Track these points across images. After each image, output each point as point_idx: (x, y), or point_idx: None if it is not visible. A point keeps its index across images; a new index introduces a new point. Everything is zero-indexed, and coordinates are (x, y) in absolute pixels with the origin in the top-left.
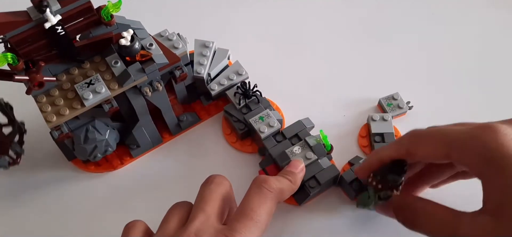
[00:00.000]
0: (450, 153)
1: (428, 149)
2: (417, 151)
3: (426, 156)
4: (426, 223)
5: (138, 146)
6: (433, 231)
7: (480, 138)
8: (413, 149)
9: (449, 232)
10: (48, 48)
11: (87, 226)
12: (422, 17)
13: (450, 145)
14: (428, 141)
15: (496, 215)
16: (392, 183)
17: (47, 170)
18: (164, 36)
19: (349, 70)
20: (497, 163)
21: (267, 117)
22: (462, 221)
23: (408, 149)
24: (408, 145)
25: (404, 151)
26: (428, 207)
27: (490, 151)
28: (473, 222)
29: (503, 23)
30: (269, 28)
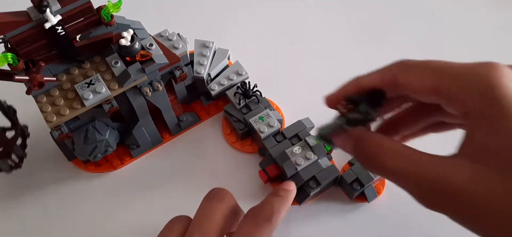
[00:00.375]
0: (440, 86)
1: (418, 77)
2: (405, 79)
3: (413, 86)
4: (390, 160)
5: (138, 146)
6: (399, 167)
7: (477, 73)
8: (400, 76)
9: (419, 169)
10: (48, 48)
11: (87, 226)
12: (422, 18)
13: (442, 76)
14: (419, 69)
15: (479, 159)
16: (364, 115)
17: (47, 170)
18: (164, 36)
19: (349, 70)
20: (494, 102)
21: (267, 117)
22: (430, 161)
23: (395, 76)
24: (395, 70)
25: (389, 77)
26: (395, 144)
27: (487, 88)
28: (449, 163)
29: (503, 23)
30: (269, 28)
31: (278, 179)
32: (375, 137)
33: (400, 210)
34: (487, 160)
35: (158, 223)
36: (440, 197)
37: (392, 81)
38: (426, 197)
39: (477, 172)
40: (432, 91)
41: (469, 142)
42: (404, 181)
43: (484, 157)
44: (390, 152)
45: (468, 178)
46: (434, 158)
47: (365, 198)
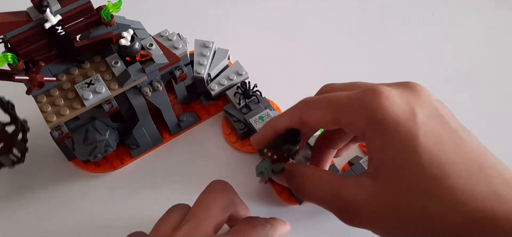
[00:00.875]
0: (339, 117)
1: (319, 115)
2: (309, 118)
3: (317, 122)
4: (313, 188)
5: (138, 146)
6: (320, 195)
7: (363, 100)
8: (305, 116)
9: (334, 193)
10: (48, 48)
11: (87, 226)
12: (422, 18)
13: (337, 109)
14: (318, 107)
15: (374, 175)
16: (287, 153)
17: (47, 170)
18: (164, 36)
19: (349, 70)
20: (378, 124)
21: (267, 117)
22: (346, 183)
23: (301, 117)
24: (300, 112)
25: (297, 119)
26: (316, 172)
27: (371, 112)
28: (355, 183)
29: (503, 23)
30: (269, 28)
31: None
32: (300, 168)
33: None
34: (380, 175)
35: None
36: (350, 215)
37: (299, 120)
38: (342, 217)
39: (374, 188)
40: (334, 123)
41: (370, 161)
42: (325, 205)
43: (378, 173)
44: (309, 179)
45: (368, 195)
46: (342, 181)
47: None
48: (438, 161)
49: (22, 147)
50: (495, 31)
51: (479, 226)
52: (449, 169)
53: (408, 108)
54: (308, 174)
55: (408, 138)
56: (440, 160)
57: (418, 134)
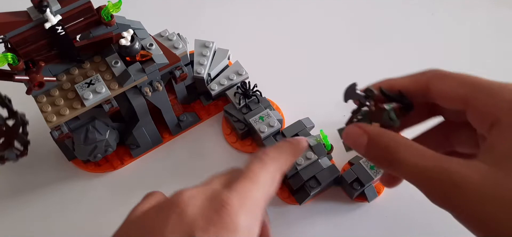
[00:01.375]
0: (472, 95)
1: (450, 86)
2: (437, 86)
3: (445, 92)
4: (411, 156)
5: (138, 146)
6: (420, 163)
7: (506, 89)
8: (433, 82)
9: (439, 165)
10: (48, 48)
11: (87, 226)
12: (422, 18)
13: (474, 87)
14: (453, 79)
15: (496, 163)
16: (388, 122)
17: (47, 170)
18: (164, 36)
19: (349, 70)
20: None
21: (267, 117)
22: (453, 160)
23: (428, 81)
24: (429, 76)
25: (423, 81)
26: (411, 142)
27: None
28: (465, 163)
29: (504, 22)
30: (269, 28)
31: None
32: (391, 133)
33: (400, 210)
34: (506, 166)
35: None
36: (455, 192)
37: (425, 85)
38: (435, 193)
39: (492, 174)
40: (462, 100)
41: (489, 150)
42: (416, 176)
43: (503, 163)
44: (406, 147)
45: (482, 177)
46: (449, 158)
47: (365, 198)
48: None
49: (23, 140)
50: (495, 30)
51: None
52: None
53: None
54: (405, 141)
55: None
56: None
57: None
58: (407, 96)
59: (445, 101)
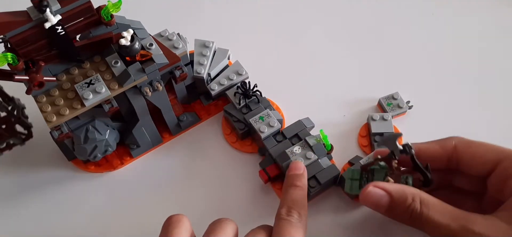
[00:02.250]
0: (502, 161)
1: (479, 152)
2: (468, 151)
3: (476, 158)
4: (435, 214)
5: (138, 146)
6: (444, 222)
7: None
8: (463, 148)
9: (461, 225)
10: (48, 48)
11: (87, 226)
12: (422, 18)
13: (501, 154)
14: (480, 145)
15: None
16: (401, 183)
17: (47, 170)
18: (164, 36)
19: (349, 70)
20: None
21: (267, 117)
22: (475, 219)
23: (456, 146)
24: (456, 142)
25: (450, 147)
26: (436, 200)
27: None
28: (486, 222)
29: (503, 22)
30: (270, 28)
31: (278, 179)
32: (413, 191)
33: None
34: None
35: (158, 223)
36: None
37: (452, 150)
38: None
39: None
40: (491, 165)
41: (509, 209)
42: (440, 234)
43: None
44: (429, 206)
45: (502, 234)
46: (471, 216)
47: None
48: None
49: (25, 124)
50: (495, 31)
51: None
52: None
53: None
54: (428, 199)
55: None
56: None
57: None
58: (430, 171)
59: (473, 167)
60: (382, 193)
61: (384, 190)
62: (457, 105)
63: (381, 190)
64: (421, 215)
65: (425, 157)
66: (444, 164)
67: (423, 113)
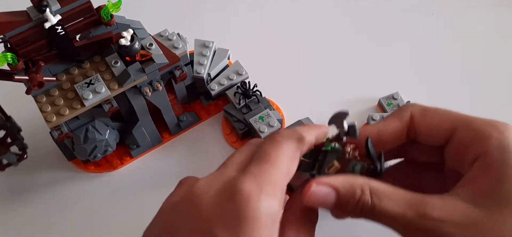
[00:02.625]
0: (458, 131)
1: (435, 120)
2: (424, 121)
3: (431, 127)
4: (387, 203)
5: (138, 146)
6: (397, 211)
7: (495, 125)
8: (419, 119)
9: (417, 211)
10: (48, 48)
11: (86, 226)
12: (422, 18)
13: (460, 123)
14: (436, 113)
15: (477, 202)
16: (348, 170)
17: (47, 170)
18: (164, 36)
19: (349, 70)
20: (504, 152)
21: (267, 117)
22: (431, 202)
23: (412, 116)
24: (412, 111)
25: (406, 118)
26: (384, 187)
27: (503, 138)
28: (444, 204)
29: (503, 23)
30: (270, 28)
31: None
32: (362, 182)
33: None
34: (488, 204)
35: None
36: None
37: (409, 122)
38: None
39: (472, 213)
40: (447, 134)
41: (468, 185)
42: (396, 224)
43: (484, 201)
44: (380, 195)
45: (463, 219)
46: (426, 199)
47: None
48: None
49: (21, 144)
50: (495, 31)
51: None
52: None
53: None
54: (378, 188)
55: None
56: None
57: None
58: (383, 162)
59: (429, 137)
60: (327, 190)
61: (330, 186)
62: (457, 105)
63: (325, 186)
64: (373, 208)
65: (387, 137)
66: (405, 138)
67: None
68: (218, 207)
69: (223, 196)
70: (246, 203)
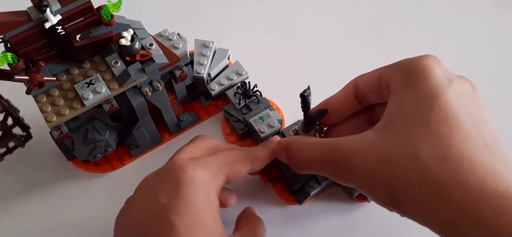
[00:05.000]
0: (383, 74)
1: (368, 75)
2: (360, 80)
3: (366, 81)
4: (310, 151)
5: (138, 146)
6: (316, 155)
7: (411, 60)
8: (359, 79)
9: (330, 147)
10: (48, 48)
11: (86, 226)
12: (422, 18)
13: (387, 68)
14: (370, 72)
15: (380, 128)
16: None
17: (47, 170)
18: (164, 36)
19: (349, 70)
20: (412, 76)
21: (267, 117)
22: (345, 138)
23: (356, 81)
24: (356, 79)
25: (352, 84)
26: (313, 139)
27: (413, 67)
28: (355, 136)
29: (503, 23)
30: (269, 28)
31: (278, 179)
32: (297, 140)
33: None
34: (386, 124)
35: None
36: (342, 167)
37: (354, 84)
38: (333, 170)
39: (374, 138)
40: (377, 82)
41: (383, 115)
42: (320, 166)
43: (385, 123)
44: (305, 146)
45: (365, 145)
46: (340, 139)
47: (365, 197)
48: (449, 123)
49: (23, 125)
50: (495, 30)
51: (467, 187)
52: (456, 133)
53: (447, 77)
54: (304, 141)
55: (431, 95)
56: (451, 124)
57: (442, 95)
58: (322, 114)
59: (369, 93)
60: (280, 147)
61: (281, 146)
62: None
63: (279, 145)
64: (301, 156)
65: (336, 103)
66: (356, 105)
67: None
68: (161, 178)
69: (165, 170)
70: (183, 171)
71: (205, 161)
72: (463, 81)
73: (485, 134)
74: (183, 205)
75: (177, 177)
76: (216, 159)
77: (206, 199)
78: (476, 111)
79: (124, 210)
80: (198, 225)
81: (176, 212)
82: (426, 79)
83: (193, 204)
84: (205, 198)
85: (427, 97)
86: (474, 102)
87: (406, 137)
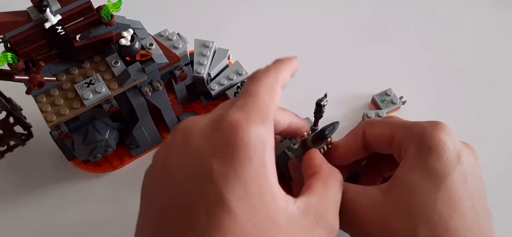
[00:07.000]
0: (395, 134)
1: (379, 129)
2: (370, 131)
3: (375, 135)
4: None
5: (138, 146)
6: None
7: (424, 127)
8: (367, 129)
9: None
10: (48, 48)
11: (86, 226)
12: (422, 18)
13: (398, 127)
14: (380, 122)
15: (386, 190)
16: None
17: (47, 170)
18: (164, 36)
19: (349, 70)
20: (423, 148)
21: None
22: (352, 187)
23: (363, 130)
24: (363, 125)
25: (360, 132)
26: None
27: (425, 137)
28: (361, 190)
29: (503, 23)
30: (270, 28)
31: (278, 179)
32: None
33: None
34: (392, 190)
35: None
36: (345, 217)
37: (362, 133)
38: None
39: (379, 200)
40: (388, 139)
41: (391, 179)
42: None
43: (392, 188)
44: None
45: (370, 204)
46: (351, 185)
47: None
48: (451, 205)
49: (24, 124)
50: (495, 31)
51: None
52: (456, 217)
53: (457, 152)
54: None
55: (439, 173)
56: (454, 207)
57: (449, 175)
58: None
59: (377, 144)
60: None
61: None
62: (456, 104)
63: None
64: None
65: (343, 149)
66: (363, 152)
67: (417, 107)
68: (208, 138)
69: (212, 128)
70: (235, 132)
71: (258, 111)
72: (469, 155)
73: (480, 220)
74: (243, 188)
75: (227, 138)
76: (265, 103)
77: (272, 172)
78: (475, 190)
79: (161, 162)
80: (258, 210)
81: (232, 195)
82: (437, 156)
83: (256, 183)
84: (271, 172)
85: (435, 176)
86: (476, 180)
87: (409, 208)
